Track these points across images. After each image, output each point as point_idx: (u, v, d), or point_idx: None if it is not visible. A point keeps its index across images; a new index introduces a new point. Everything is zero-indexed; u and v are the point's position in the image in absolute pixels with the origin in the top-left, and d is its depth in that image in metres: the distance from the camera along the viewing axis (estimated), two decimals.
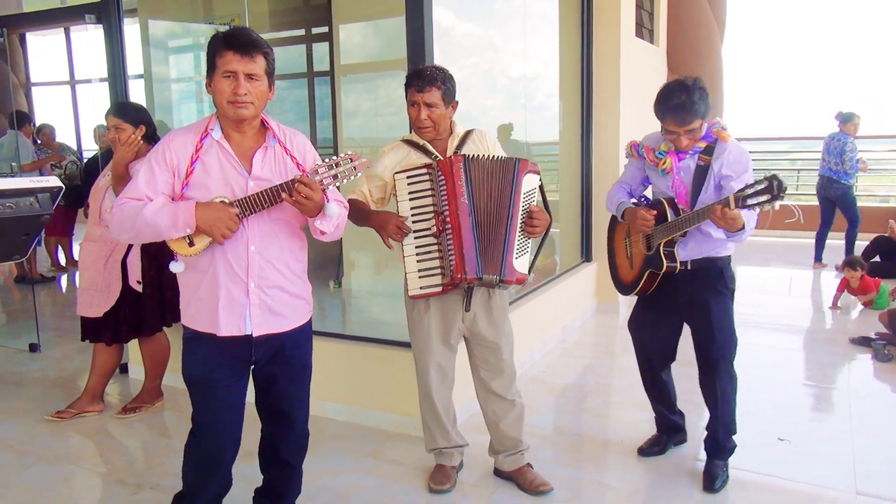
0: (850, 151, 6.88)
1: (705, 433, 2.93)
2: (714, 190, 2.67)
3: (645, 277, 2.84)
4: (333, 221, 2.15)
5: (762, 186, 2.30)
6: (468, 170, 2.53)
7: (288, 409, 2.35)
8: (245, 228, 2.08)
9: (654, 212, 2.70)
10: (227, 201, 2.04)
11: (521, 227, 2.56)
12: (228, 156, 2.08)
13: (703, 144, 2.67)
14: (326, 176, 2.06)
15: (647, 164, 2.82)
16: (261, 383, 2.31)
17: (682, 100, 2.56)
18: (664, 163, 2.72)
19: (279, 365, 2.26)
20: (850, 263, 5.65)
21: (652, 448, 3.13)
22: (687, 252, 2.75)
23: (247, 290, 2.10)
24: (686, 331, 2.93)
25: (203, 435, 2.25)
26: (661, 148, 2.75)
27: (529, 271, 2.63)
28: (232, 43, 2.00)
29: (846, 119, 6.98)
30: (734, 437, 2.88)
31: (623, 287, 3.07)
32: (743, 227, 2.46)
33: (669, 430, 3.15)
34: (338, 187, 2.15)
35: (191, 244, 2.05)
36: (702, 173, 2.68)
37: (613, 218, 3.11)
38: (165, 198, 2.05)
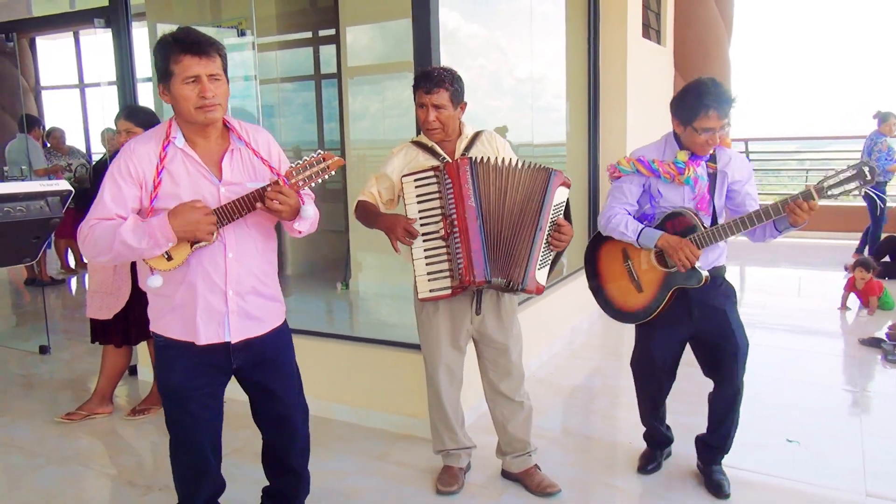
0: (878, 152, 6.87)
1: (702, 443, 2.87)
2: (725, 197, 2.66)
3: (669, 296, 2.66)
4: (309, 220, 2.13)
5: (851, 173, 2.29)
6: (475, 172, 2.53)
7: (286, 413, 2.33)
8: (222, 236, 2.04)
9: (699, 251, 2.54)
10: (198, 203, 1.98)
11: (546, 240, 2.55)
12: (196, 164, 2.01)
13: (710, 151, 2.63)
14: (301, 178, 2.02)
15: (662, 178, 2.65)
16: (254, 393, 2.29)
17: (723, 90, 2.51)
18: (690, 171, 2.59)
19: (267, 371, 2.24)
20: (863, 263, 5.62)
21: (651, 465, 3.01)
22: (700, 263, 2.64)
23: (225, 298, 2.07)
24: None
25: (183, 442, 2.24)
26: (680, 158, 2.62)
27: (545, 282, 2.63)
28: (188, 46, 1.91)
29: (883, 118, 6.99)
30: None
31: (627, 314, 2.81)
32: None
33: (659, 444, 3.06)
34: (312, 187, 2.09)
35: (169, 258, 1.99)
36: (713, 180, 2.64)
37: (595, 243, 2.91)
38: (135, 216, 1.95)
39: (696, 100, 2.51)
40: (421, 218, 2.58)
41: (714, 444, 2.83)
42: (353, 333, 4.07)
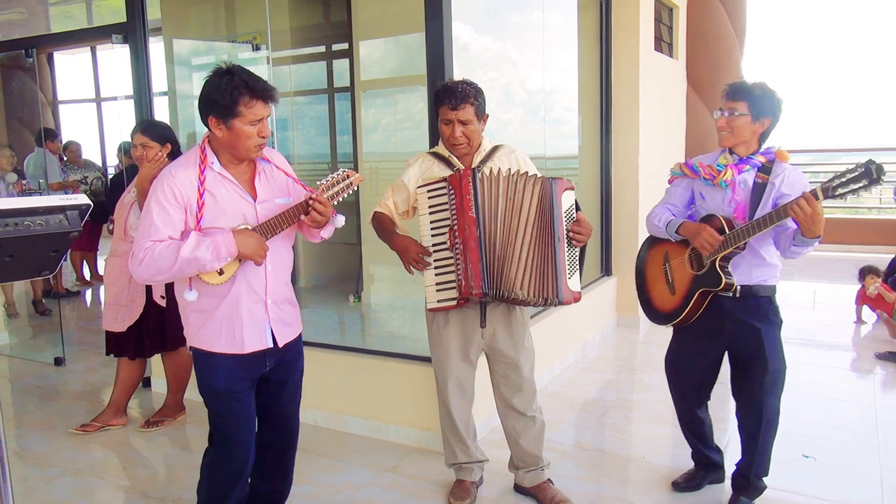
0: None
1: (734, 469, 2.82)
2: (771, 208, 2.57)
3: (694, 300, 2.65)
4: (333, 227, 2.32)
5: (858, 172, 2.20)
6: (478, 184, 2.52)
7: (292, 413, 2.48)
8: None
9: (721, 236, 2.53)
10: (249, 228, 2.14)
11: (567, 243, 2.55)
12: (234, 185, 2.18)
13: (762, 160, 2.59)
14: (331, 193, 2.22)
15: (703, 180, 2.68)
16: (271, 390, 2.39)
17: (738, 81, 2.60)
18: (725, 174, 2.60)
19: (286, 370, 2.38)
20: (872, 270, 5.57)
21: (688, 483, 2.97)
22: (737, 275, 2.60)
23: (266, 307, 2.24)
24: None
25: (229, 447, 2.30)
26: (721, 161, 2.65)
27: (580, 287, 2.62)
28: (261, 93, 2.09)
29: None
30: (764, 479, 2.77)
31: (661, 316, 2.85)
32: (819, 235, 2.33)
33: (707, 466, 3.00)
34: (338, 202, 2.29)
35: (220, 273, 2.13)
36: (759, 190, 2.58)
37: (645, 245, 2.97)
38: (196, 233, 2.08)
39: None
40: (432, 228, 2.59)
41: (741, 468, 2.77)
42: (365, 346, 4.08)
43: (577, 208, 2.66)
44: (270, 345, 2.25)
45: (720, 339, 2.72)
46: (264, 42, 5.44)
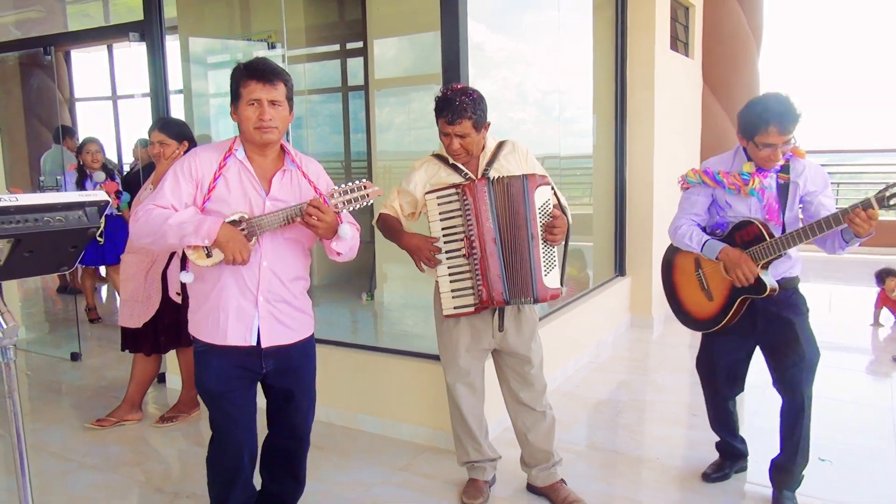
0: None
1: (773, 464, 2.80)
2: (798, 206, 2.62)
3: (736, 306, 2.66)
4: (348, 243, 2.25)
5: None
6: (493, 193, 2.52)
7: (301, 421, 2.44)
8: (259, 245, 2.18)
9: (756, 270, 2.54)
10: (245, 216, 2.14)
11: (543, 240, 2.54)
12: (250, 175, 2.20)
13: (780, 161, 2.58)
14: (340, 200, 2.18)
15: (727, 189, 2.65)
16: (277, 398, 2.38)
17: (788, 107, 2.46)
18: (752, 183, 2.58)
19: (292, 379, 2.34)
20: (890, 272, 5.51)
21: (718, 473, 3.01)
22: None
23: (256, 302, 2.21)
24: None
25: (222, 444, 2.32)
26: (745, 169, 2.61)
27: (562, 283, 2.61)
28: (254, 73, 2.12)
29: None
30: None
31: (699, 323, 2.84)
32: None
33: (732, 456, 3.04)
34: (350, 212, 2.24)
35: (208, 255, 2.13)
36: (784, 191, 2.59)
37: (669, 251, 2.95)
38: (196, 209, 2.14)
39: (758, 115, 2.49)
40: (444, 235, 2.59)
41: (781, 462, 2.77)
42: (378, 344, 4.08)
43: (558, 201, 2.63)
44: (254, 342, 2.21)
45: (751, 336, 2.76)
46: (279, 40, 5.46)
